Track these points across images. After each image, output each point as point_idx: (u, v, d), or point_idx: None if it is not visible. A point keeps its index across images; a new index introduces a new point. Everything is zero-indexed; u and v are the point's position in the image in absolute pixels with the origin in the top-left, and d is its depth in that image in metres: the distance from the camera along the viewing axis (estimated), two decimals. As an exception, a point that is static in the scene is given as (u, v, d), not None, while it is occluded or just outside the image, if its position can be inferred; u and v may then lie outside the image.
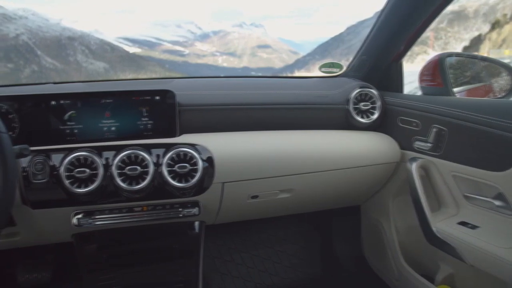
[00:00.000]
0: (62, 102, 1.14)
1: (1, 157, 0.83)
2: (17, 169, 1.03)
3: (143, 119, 1.19)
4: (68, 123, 1.15)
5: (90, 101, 1.16)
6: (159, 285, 1.30)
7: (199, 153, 1.17)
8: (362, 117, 1.45)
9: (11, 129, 1.10)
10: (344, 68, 1.67)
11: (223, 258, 1.88)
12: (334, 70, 1.67)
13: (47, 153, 1.11)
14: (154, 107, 1.20)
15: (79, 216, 1.17)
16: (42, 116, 1.14)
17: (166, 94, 1.20)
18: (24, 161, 1.08)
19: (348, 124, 1.46)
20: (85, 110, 1.16)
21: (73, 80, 1.62)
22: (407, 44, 1.49)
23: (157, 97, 1.20)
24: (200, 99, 1.31)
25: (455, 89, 1.40)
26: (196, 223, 1.38)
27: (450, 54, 1.44)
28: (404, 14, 1.39)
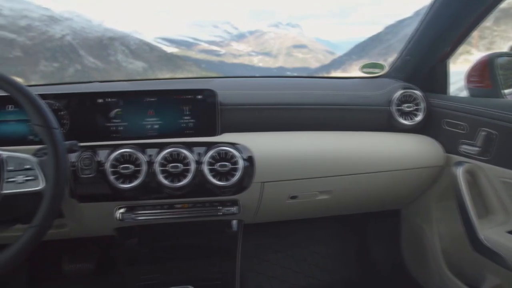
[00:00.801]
0: (108, 100, 1.18)
1: (54, 151, 0.87)
2: (68, 164, 1.07)
3: (185, 117, 1.21)
4: (114, 120, 1.19)
5: (135, 100, 1.19)
6: (197, 281, 1.32)
7: (239, 152, 1.17)
8: (405, 119, 1.41)
9: (61, 125, 1.15)
10: (386, 69, 1.63)
11: (260, 257, 1.89)
12: (376, 70, 1.63)
13: (94, 149, 1.15)
14: (195, 106, 1.21)
15: (122, 210, 1.20)
16: (90, 113, 1.18)
17: (208, 93, 1.21)
18: (72, 156, 1.12)
19: (390, 126, 1.42)
20: (130, 108, 1.19)
21: (117, 79, 1.68)
22: (454, 44, 1.44)
23: (199, 96, 1.21)
24: (240, 98, 1.32)
25: (506, 91, 1.33)
26: (234, 222, 1.38)
27: (501, 54, 1.37)
28: (453, 13, 1.34)
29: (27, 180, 0.88)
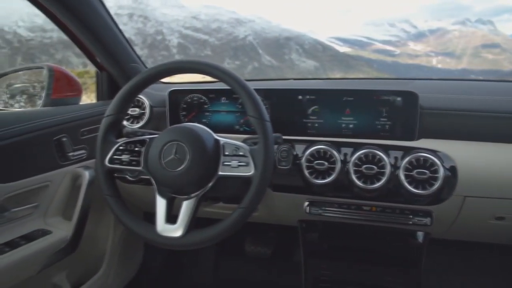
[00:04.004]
0: (307, 97, 1.23)
1: (265, 142, 0.95)
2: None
3: (381, 119, 1.18)
4: (311, 117, 1.23)
5: (332, 98, 1.21)
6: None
7: (441, 160, 1.08)
8: None
9: None
10: None
11: (440, 277, 1.72)
12: None
13: (292, 143, 1.21)
14: (394, 108, 1.16)
15: (310, 204, 1.25)
16: (290, 108, 1.25)
17: (409, 96, 1.15)
18: None
19: None
20: (327, 106, 1.22)
21: (311, 77, 1.74)
22: None
23: (399, 98, 1.16)
24: (443, 102, 1.21)
25: None
26: (420, 233, 1.29)
27: None
28: None
29: (240, 166, 0.98)
